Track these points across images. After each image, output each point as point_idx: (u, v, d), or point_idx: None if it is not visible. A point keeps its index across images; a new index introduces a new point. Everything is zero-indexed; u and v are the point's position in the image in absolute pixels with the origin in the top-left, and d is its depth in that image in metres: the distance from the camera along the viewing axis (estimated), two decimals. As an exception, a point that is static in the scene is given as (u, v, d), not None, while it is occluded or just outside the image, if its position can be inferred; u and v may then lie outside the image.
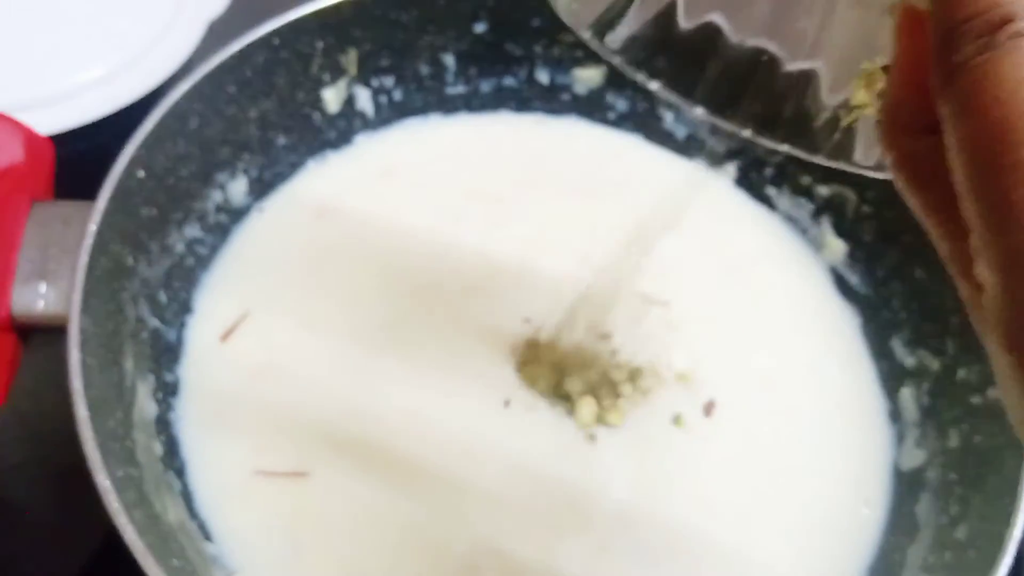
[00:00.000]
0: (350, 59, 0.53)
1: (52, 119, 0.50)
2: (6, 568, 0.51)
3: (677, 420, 0.48)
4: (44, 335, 0.42)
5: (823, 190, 0.55)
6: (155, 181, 0.44)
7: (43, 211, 0.41)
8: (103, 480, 0.33)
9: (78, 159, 0.46)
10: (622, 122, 0.59)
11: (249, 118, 0.50)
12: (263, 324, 0.48)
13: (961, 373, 0.48)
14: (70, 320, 0.37)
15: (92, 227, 0.39)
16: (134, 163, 0.42)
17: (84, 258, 0.38)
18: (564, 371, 0.48)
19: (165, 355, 0.45)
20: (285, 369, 0.47)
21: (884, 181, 0.52)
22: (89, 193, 0.42)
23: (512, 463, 0.46)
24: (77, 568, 0.52)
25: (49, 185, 0.43)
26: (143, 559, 0.32)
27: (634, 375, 0.49)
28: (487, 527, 0.44)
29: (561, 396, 0.48)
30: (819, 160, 0.33)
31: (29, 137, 0.42)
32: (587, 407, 0.47)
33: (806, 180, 0.56)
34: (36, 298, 0.39)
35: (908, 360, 0.51)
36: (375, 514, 0.43)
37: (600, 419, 0.47)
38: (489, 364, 0.48)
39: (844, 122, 0.32)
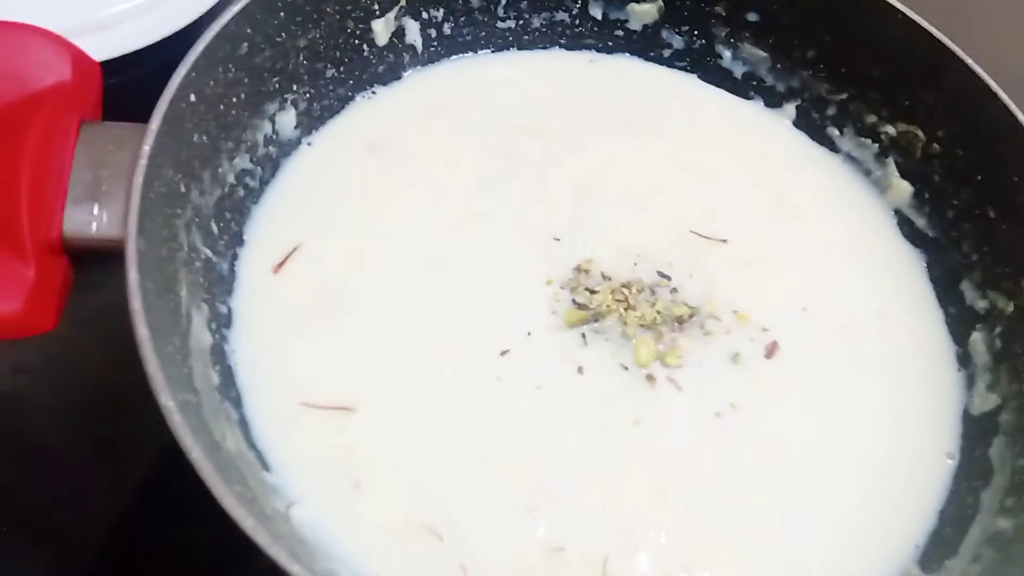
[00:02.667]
0: (400, -13, 0.52)
1: (95, 47, 0.49)
2: (45, 513, 0.50)
3: (736, 358, 0.46)
4: (84, 273, 0.41)
5: (890, 130, 0.53)
6: (206, 107, 0.43)
7: (93, 132, 0.39)
8: (167, 400, 0.32)
9: (123, 90, 0.44)
10: (677, 60, 0.58)
11: (298, 47, 0.48)
12: (314, 257, 0.46)
13: (1037, 315, 0.46)
14: (127, 240, 0.35)
15: (146, 148, 0.38)
16: (185, 86, 0.41)
17: (140, 179, 0.37)
18: (622, 310, 0.47)
19: (218, 286, 0.43)
20: (335, 302, 0.46)
21: (956, 119, 0.51)
22: (136, 120, 0.40)
23: (568, 402, 0.44)
24: (116, 514, 0.51)
25: (97, 107, 0.42)
26: (209, 478, 0.31)
27: (693, 314, 0.47)
28: (544, 467, 0.42)
29: (621, 335, 0.46)
30: None
31: (77, 56, 0.41)
32: (645, 346, 0.46)
33: (871, 119, 0.54)
34: (89, 220, 0.38)
35: (979, 303, 0.49)
36: (431, 451, 0.42)
37: (660, 358, 0.46)
38: (543, 300, 0.47)
39: None
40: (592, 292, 0.47)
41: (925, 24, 0.50)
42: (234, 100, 0.45)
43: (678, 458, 0.43)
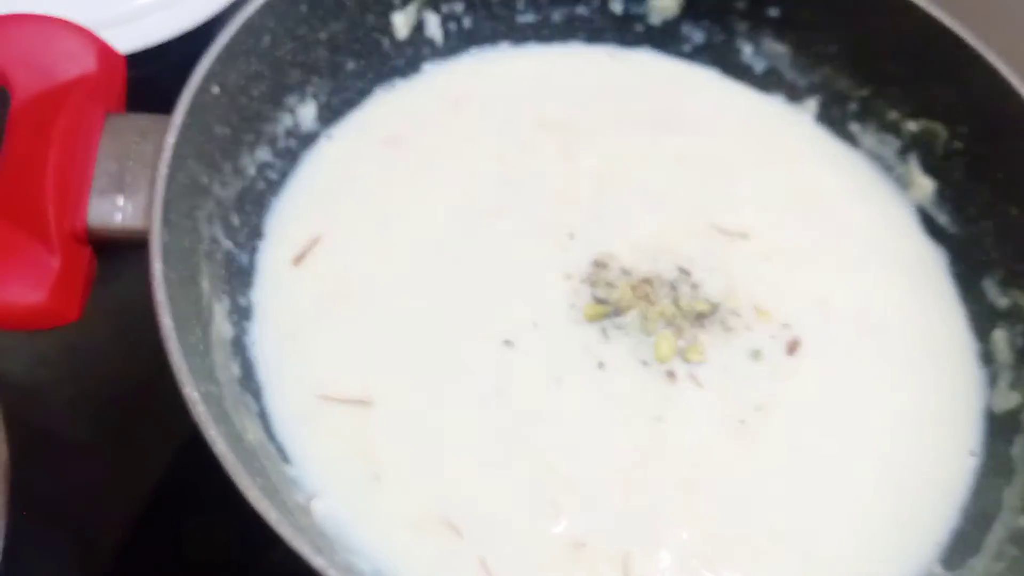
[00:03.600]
0: (421, -20, 0.52)
1: (118, 40, 0.49)
2: (64, 503, 0.50)
3: (756, 355, 0.46)
4: (103, 264, 0.41)
5: (911, 126, 0.53)
6: (228, 99, 0.43)
7: (118, 123, 0.40)
8: (191, 391, 0.32)
9: (144, 83, 0.44)
10: (697, 55, 0.57)
11: (319, 40, 0.48)
12: (333, 249, 0.46)
13: (1061, 313, 0.46)
14: (152, 231, 0.36)
15: (170, 140, 0.38)
16: (209, 78, 0.41)
17: (164, 170, 0.37)
18: (642, 305, 0.47)
19: (238, 278, 0.44)
20: (354, 295, 0.45)
21: (978, 115, 0.51)
22: (158, 113, 0.41)
23: (589, 397, 0.44)
24: (136, 505, 0.51)
25: (122, 99, 0.42)
26: (233, 470, 0.31)
27: (714, 310, 0.47)
28: (564, 462, 0.42)
29: (641, 330, 0.46)
30: None
31: (101, 49, 0.41)
32: (666, 341, 0.46)
33: (893, 115, 0.53)
34: (114, 210, 0.38)
35: (1001, 301, 0.49)
36: (451, 444, 0.42)
37: (680, 354, 0.46)
38: (563, 294, 0.47)
39: None
40: (611, 286, 0.47)
41: (947, 21, 0.50)
42: (255, 92, 0.45)
43: (699, 455, 0.43)
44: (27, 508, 0.49)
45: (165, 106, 0.40)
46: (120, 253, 0.39)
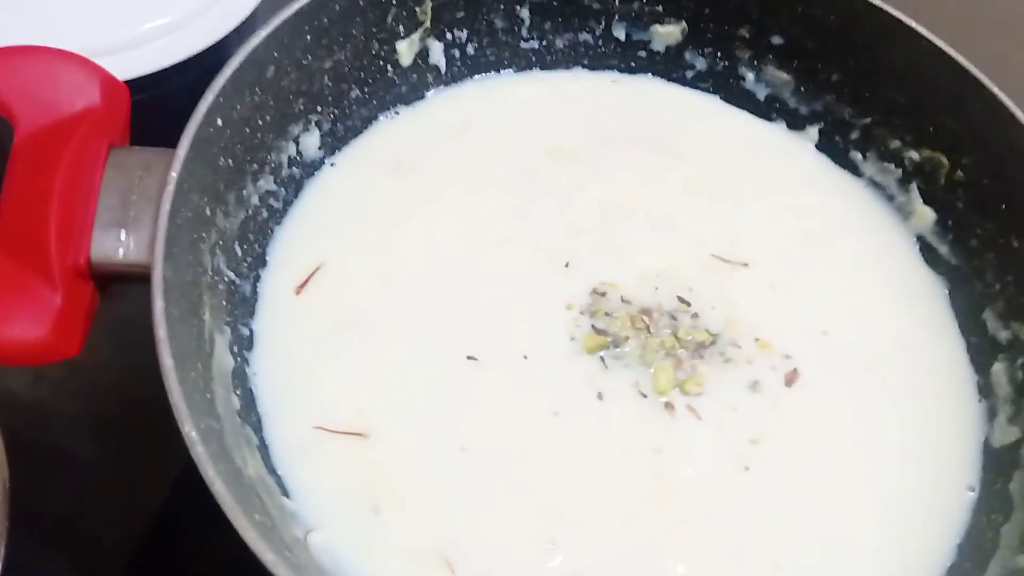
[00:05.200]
0: (425, 8, 0.52)
1: (119, 67, 0.49)
2: (68, 522, 0.51)
3: (755, 387, 0.46)
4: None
5: (914, 155, 0.53)
6: (232, 130, 0.43)
7: (122, 157, 0.40)
8: (189, 431, 0.33)
9: (143, 108, 0.45)
10: (700, 81, 0.57)
11: (323, 68, 0.49)
12: (335, 277, 0.47)
13: (1061, 348, 0.46)
14: (154, 268, 0.36)
15: (174, 174, 0.38)
16: (212, 112, 0.41)
17: (167, 205, 0.37)
18: (641, 336, 0.47)
19: (240, 308, 0.44)
20: (353, 324, 0.46)
21: (982, 147, 0.51)
22: (155, 141, 0.41)
23: (588, 429, 0.44)
24: (141, 523, 0.51)
25: (126, 131, 0.42)
26: (231, 511, 0.32)
27: (714, 341, 0.47)
28: (562, 495, 0.42)
29: (640, 361, 0.46)
30: None
31: (106, 80, 0.41)
32: (664, 373, 0.46)
33: (895, 144, 0.53)
34: (116, 245, 0.38)
35: (1002, 333, 0.49)
36: (448, 477, 0.42)
37: (679, 386, 0.46)
38: (563, 326, 0.47)
39: None
40: (611, 316, 0.47)
41: (951, 52, 0.50)
42: (259, 123, 0.45)
43: (697, 488, 0.43)
44: (27, 526, 0.49)
45: (165, 131, 0.41)
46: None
